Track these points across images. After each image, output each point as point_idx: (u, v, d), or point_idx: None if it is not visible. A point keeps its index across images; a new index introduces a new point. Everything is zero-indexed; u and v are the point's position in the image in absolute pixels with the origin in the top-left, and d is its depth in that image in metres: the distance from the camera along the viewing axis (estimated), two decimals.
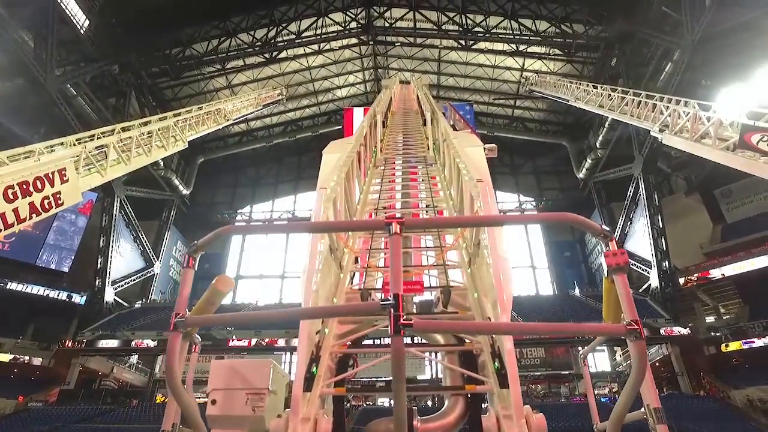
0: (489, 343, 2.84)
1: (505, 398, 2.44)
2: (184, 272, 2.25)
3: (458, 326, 3.24)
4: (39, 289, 34.03)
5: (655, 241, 34.37)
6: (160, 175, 40.64)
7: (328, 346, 3.01)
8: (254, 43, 38.21)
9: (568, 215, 2.20)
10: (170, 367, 2.06)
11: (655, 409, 1.95)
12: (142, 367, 36.55)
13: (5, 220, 9.08)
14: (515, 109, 46.45)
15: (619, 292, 1.97)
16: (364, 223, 4.26)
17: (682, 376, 29.28)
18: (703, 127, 16.52)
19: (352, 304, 3.49)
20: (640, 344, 1.82)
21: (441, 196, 5.81)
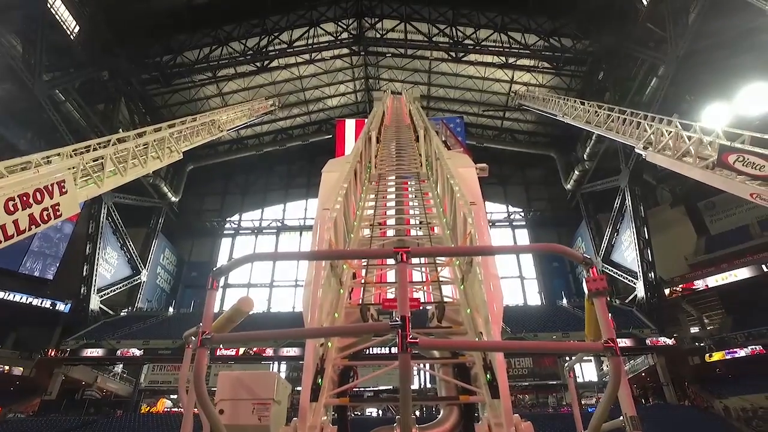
0: (481, 356, 3.02)
1: (496, 408, 2.61)
2: (209, 294, 2.37)
3: (459, 344, 3.46)
4: (21, 296, 33.36)
5: (641, 252, 34.92)
6: (148, 182, 40.26)
7: (331, 358, 3.16)
8: (246, 52, 38.31)
9: (555, 246, 2.43)
10: (199, 381, 2.18)
11: (632, 417, 2.13)
12: (127, 376, 36.00)
13: (5, 231, 9.07)
14: (504, 121, 47.04)
15: (598, 313, 2.15)
16: (375, 252, 4.51)
17: (668, 386, 29.64)
18: (684, 146, 17.13)
19: (364, 324, 3.68)
20: (615, 360, 1.99)
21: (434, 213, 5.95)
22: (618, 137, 23.35)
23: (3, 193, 9.23)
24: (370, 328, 3.21)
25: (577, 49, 37.34)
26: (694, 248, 36.99)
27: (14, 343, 33.37)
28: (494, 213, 49.34)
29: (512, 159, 49.08)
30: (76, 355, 31.72)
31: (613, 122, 23.63)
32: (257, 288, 45.35)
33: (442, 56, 40.64)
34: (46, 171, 10.94)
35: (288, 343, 30.58)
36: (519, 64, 40.00)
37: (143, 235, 42.94)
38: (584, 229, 43.70)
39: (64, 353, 31.64)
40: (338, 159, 5.99)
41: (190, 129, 21.92)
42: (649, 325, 31.75)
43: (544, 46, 37.72)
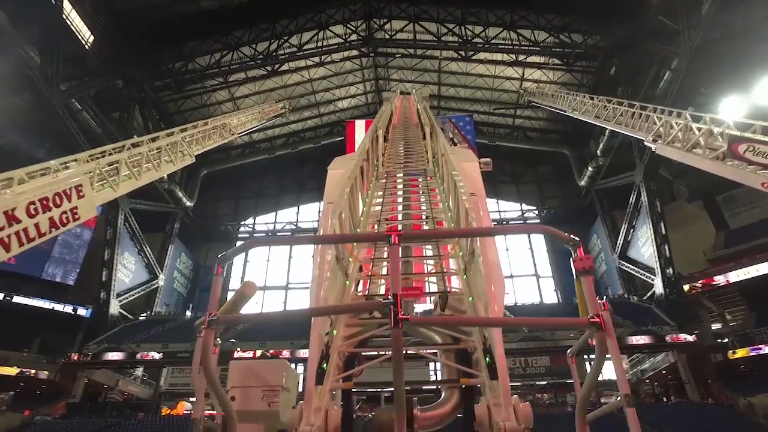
0: (481, 341, 3.11)
1: (495, 389, 2.70)
2: (215, 279, 2.51)
3: (447, 320, 3.70)
4: (44, 302, 34.27)
5: (659, 248, 34.40)
6: (163, 187, 40.91)
7: (336, 346, 3.27)
8: (256, 56, 38.70)
9: (543, 227, 2.65)
10: (206, 359, 2.31)
11: (626, 394, 2.17)
12: (148, 379, 36.54)
13: (27, 234, 9.45)
14: (516, 119, 46.75)
15: (585, 291, 2.30)
16: (368, 236, 4.70)
17: (690, 384, 29.09)
18: (694, 137, 16.89)
19: (358, 303, 3.89)
20: (600, 335, 2.13)
21: (440, 208, 6.03)
22: (627, 131, 23.11)
23: (24, 197, 9.56)
24: (365, 306, 3.41)
25: (587, 45, 36.96)
26: (713, 243, 36.27)
27: (39, 348, 34.15)
28: (507, 211, 49.09)
29: (524, 157, 48.75)
30: (97, 358, 32.34)
31: (623, 116, 23.40)
32: (273, 290, 45.73)
33: (452, 55, 40.52)
34: (64, 176, 11.29)
35: (304, 345, 30.73)
36: (529, 61, 39.73)
37: (160, 240, 43.62)
38: (599, 226, 43.18)
39: (87, 357, 32.29)
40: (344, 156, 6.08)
41: (202, 133, 22.29)
42: (668, 322, 31.24)
43: (554, 43, 37.41)
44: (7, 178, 10.45)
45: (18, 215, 9.24)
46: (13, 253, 9.31)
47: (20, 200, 9.43)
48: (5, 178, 10.44)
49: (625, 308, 33.55)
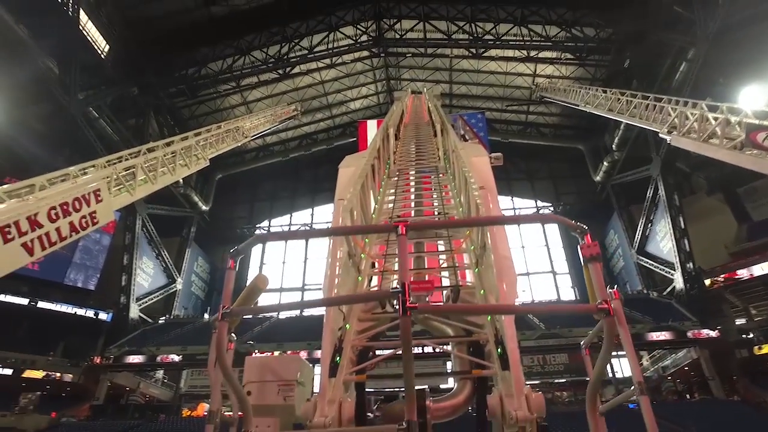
0: (493, 332, 3.14)
1: (507, 380, 2.72)
2: (227, 273, 2.60)
3: (456, 308, 3.76)
4: (67, 307, 35.05)
5: (678, 243, 33.81)
6: (179, 192, 41.53)
7: (350, 340, 3.34)
8: (267, 60, 39.03)
9: (550, 216, 2.56)
10: (220, 349, 2.40)
11: (639, 382, 2.18)
12: (168, 381, 37.08)
13: (49, 238, 9.78)
14: (529, 115, 46.38)
15: (593, 277, 2.32)
16: (377, 227, 4.79)
17: (714, 381, 28.50)
18: (710, 127, 16.51)
19: (368, 292, 3.99)
20: (609, 320, 2.13)
21: (452, 204, 6.03)
22: (641, 123, 22.72)
23: (46, 202, 9.88)
24: (375, 295, 3.42)
25: (600, 38, 36.49)
26: (735, 236, 35.49)
27: (63, 352, 34.92)
28: (522, 208, 48.74)
29: (538, 153, 48.31)
30: (119, 362, 32.95)
31: (636, 108, 23.02)
32: (289, 292, 46.02)
33: (463, 53, 40.34)
34: (82, 181, 11.62)
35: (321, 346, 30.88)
36: (541, 56, 39.37)
37: (177, 244, 44.24)
38: (616, 221, 42.59)
39: (109, 360, 32.93)
40: (355, 155, 6.11)
41: (215, 136, 22.60)
42: (689, 317, 30.69)
43: (566, 37, 37.03)
44: (29, 184, 10.87)
45: (40, 220, 9.57)
46: (36, 257, 9.61)
47: (42, 205, 9.76)
48: (27, 184, 10.87)
49: (645, 304, 33.05)
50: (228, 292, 2.51)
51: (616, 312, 2.21)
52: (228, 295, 2.51)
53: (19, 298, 33.27)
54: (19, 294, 33.35)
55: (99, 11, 32.78)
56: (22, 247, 9.17)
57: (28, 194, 10.42)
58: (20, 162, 31.43)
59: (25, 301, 33.48)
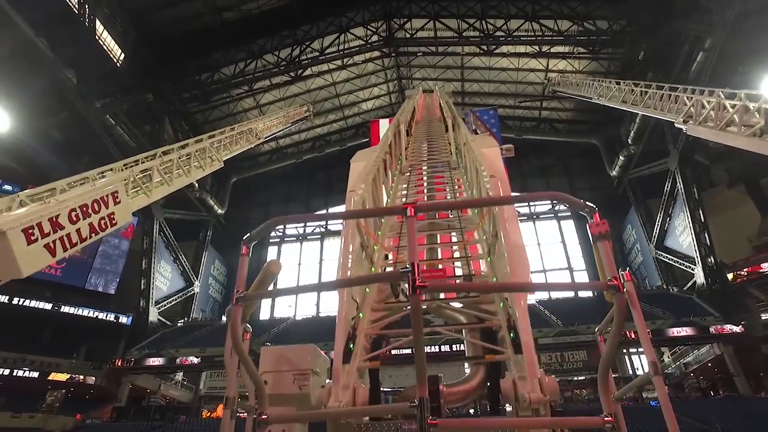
0: (505, 318, 3.16)
1: (520, 363, 2.73)
2: (241, 259, 2.64)
3: (464, 286, 3.84)
4: (89, 311, 35.83)
5: (698, 237, 33.18)
6: (195, 196, 42.09)
7: (363, 329, 3.36)
8: (279, 63, 39.32)
9: (556, 194, 2.62)
10: (235, 333, 2.44)
11: (652, 362, 2.17)
12: (188, 383, 37.58)
13: (70, 239, 10.12)
14: (542, 111, 45.93)
15: (602, 255, 2.31)
16: (387, 209, 4.93)
17: (739, 377, 27.86)
18: (728, 115, 16.14)
19: (378, 273, 4.06)
20: (619, 297, 2.11)
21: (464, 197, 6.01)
22: (656, 114, 22.35)
23: (66, 205, 10.19)
24: (385, 276, 3.52)
25: (613, 31, 35.99)
26: (758, 229, 34.63)
27: (86, 355, 35.67)
28: (538, 206, 48.25)
29: (553, 149, 47.82)
30: (139, 364, 33.50)
31: (650, 99, 22.64)
32: (305, 294, 46.25)
33: (474, 51, 40.14)
34: (101, 184, 11.96)
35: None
36: (553, 51, 38.94)
37: (194, 248, 44.83)
38: (633, 216, 41.98)
39: (129, 363, 33.48)
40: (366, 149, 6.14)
41: (229, 138, 22.92)
42: (712, 313, 30.05)
43: (578, 31, 36.58)
44: (50, 188, 11.30)
45: (61, 222, 9.91)
46: (58, 258, 9.92)
47: (63, 208, 10.07)
48: (49, 188, 11.30)
49: (665, 299, 32.48)
50: (242, 277, 2.55)
51: (628, 293, 2.21)
52: (242, 280, 2.54)
53: (43, 303, 34.13)
54: (43, 299, 34.22)
55: (114, 20, 33.41)
56: (44, 248, 9.47)
57: (49, 197, 10.74)
58: (40, 170, 32.16)
59: (49, 306, 34.32)
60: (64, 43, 30.06)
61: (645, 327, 2.28)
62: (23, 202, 10.38)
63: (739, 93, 15.99)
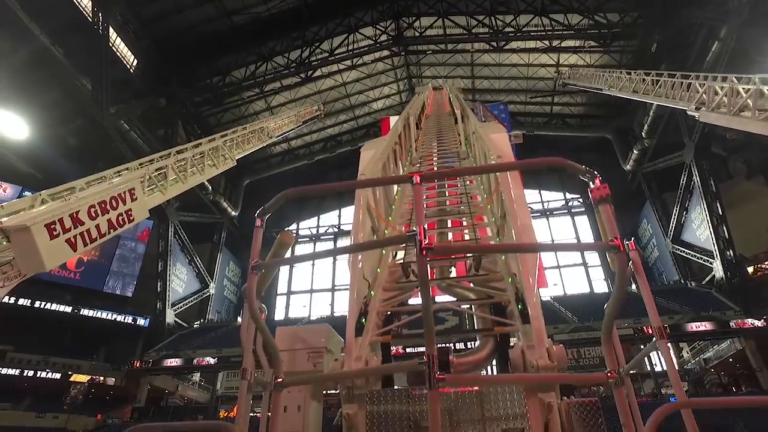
0: (513, 291, 3.23)
1: (528, 334, 2.79)
2: (255, 231, 2.85)
3: (472, 248, 4.06)
4: (107, 313, 36.46)
5: (716, 230, 32.58)
6: (209, 199, 42.57)
7: (375, 307, 3.43)
8: (289, 65, 39.60)
9: (555, 160, 2.65)
10: (250, 300, 2.54)
11: (657, 327, 2.24)
12: (205, 384, 38.00)
13: (90, 235, 10.48)
14: (554, 106, 45.58)
15: (603, 218, 2.40)
16: (394, 179, 5.06)
17: (762, 372, 27.30)
18: (741, 100, 15.83)
19: (386, 238, 4.21)
20: (620, 257, 2.19)
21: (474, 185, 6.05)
22: (668, 102, 22.05)
23: (86, 201, 10.55)
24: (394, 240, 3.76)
25: (625, 23, 35.56)
26: None
27: (105, 356, 36.31)
28: (551, 201, 47.94)
29: (565, 144, 47.25)
30: (157, 365, 33.94)
31: (662, 88, 22.32)
32: (319, 293, 46.51)
33: (484, 47, 39.99)
34: (118, 181, 12.38)
35: None
36: (564, 46, 38.60)
37: (208, 250, 45.32)
38: (649, 210, 41.40)
39: (148, 364, 33.96)
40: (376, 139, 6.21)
41: (241, 137, 23.22)
42: (732, 307, 29.47)
43: (588, 24, 36.21)
44: (70, 187, 11.78)
45: (81, 218, 10.27)
46: (78, 252, 10.26)
47: (82, 204, 10.45)
48: (68, 187, 11.77)
49: (683, 294, 32.00)
50: (256, 247, 2.71)
51: (633, 262, 2.30)
52: (256, 251, 2.70)
53: (63, 306, 34.83)
54: (63, 302, 34.93)
55: (127, 27, 33.99)
56: (66, 242, 9.80)
57: (69, 195, 11.14)
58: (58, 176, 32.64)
59: (69, 309, 34.99)
60: (78, 51, 30.67)
61: (650, 293, 2.34)
62: (44, 200, 10.77)
63: (753, 77, 15.69)
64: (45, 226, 9.21)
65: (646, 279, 2.44)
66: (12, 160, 33.20)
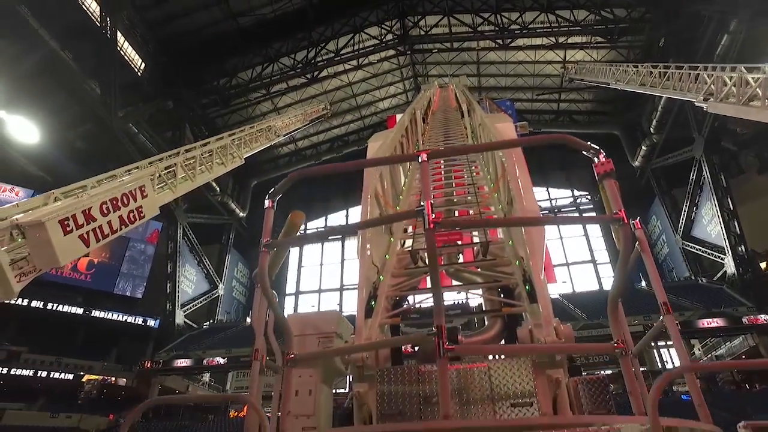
0: (521, 272, 3.28)
1: (536, 313, 2.83)
2: (266, 211, 2.94)
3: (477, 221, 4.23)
4: (118, 315, 36.84)
5: (727, 225, 32.23)
6: (217, 200, 42.85)
7: (384, 291, 3.48)
8: (295, 66, 39.75)
9: (559, 135, 2.69)
10: (262, 278, 2.62)
11: (663, 303, 2.28)
12: (215, 384, 38.22)
13: (102, 231, 10.74)
14: (560, 103, 45.39)
15: (608, 192, 2.46)
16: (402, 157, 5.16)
17: None
18: (750, 90, 15.63)
19: (396, 213, 4.26)
20: (625, 229, 2.25)
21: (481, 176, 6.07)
22: (676, 94, 21.87)
23: (98, 198, 10.81)
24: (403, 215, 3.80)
25: (632, 18, 35.33)
26: None
27: (117, 358, 36.64)
28: (559, 199, 47.69)
29: None
30: (168, 365, 34.21)
31: (669, 80, 22.14)
32: (328, 293, 46.62)
33: (489, 45, 39.89)
34: (129, 179, 12.65)
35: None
36: (570, 42, 38.38)
37: (217, 251, 45.62)
38: (658, 207, 41.05)
39: (158, 364, 34.23)
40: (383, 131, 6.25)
41: (249, 135, 23.41)
42: (744, 303, 29.11)
43: (595, 20, 36.02)
44: (82, 185, 12.09)
45: (93, 214, 10.54)
46: (91, 248, 10.53)
47: (95, 201, 10.71)
48: (80, 185, 12.09)
49: (694, 291, 31.67)
50: (268, 227, 2.76)
51: (639, 240, 2.37)
52: (268, 230, 2.75)
53: (74, 308, 35.25)
54: (75, 304, 35.37)
55: (134, 31, 34.31)
56: (79, 238, 10.04)
57: (81, 193, 11.41)
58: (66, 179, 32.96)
59: (80, 311, 35.42)
60: (86, 56, 30.99)
61: (655, 269, 2.39)
62: (57, 198, 11.04)
63: (762, 67, 15.51)
64: (59, 222, 9.43)
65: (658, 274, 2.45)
66: (23, 164, 33.62)
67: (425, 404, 2.45)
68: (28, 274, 8.98)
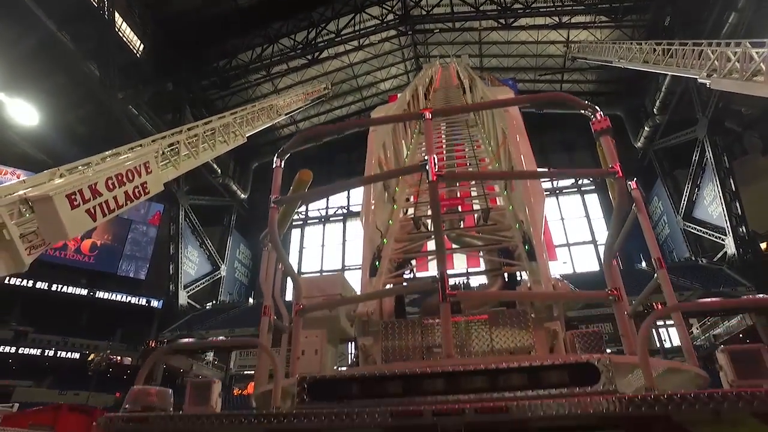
0: (521, 235, 3.38)
1: (535, 272, 2.92)
2: (275, 170, 3.04)
3: (478, 174, 4.42)
4: (122, 296, 37.26)
5: (728, 206, 32.21)
6: (218, 182, 42.88)
7: (388, 254, 3.59)
8: (296, 47, 39.35)
9: (556, 94, 2.74)
10: (272, 232, 2.76)
11: (657, 258, 2.43)
12: (218, 363, 38.79)
13: (108, 206, 11.00)
14: (563, 84, 44.91)
15: (604, 148, 2.54)
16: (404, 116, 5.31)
17: None
18: (753, 65, 15.49)
19: (402, 167, 4.46)
20: (620, 182, 2.35)
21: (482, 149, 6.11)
22: (679, 71, 21.71)
23: (103, 174, 11.04)
24: (407, 169, 3.93)
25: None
26: None
27: (121, 337, 37.17)
28: (561, 180, 47.59)
29: (575, 123, 46.52)
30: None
31: (673, 57, 21.95)
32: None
33: (492, 25, 39.39)
34: (133, 155, 12.95)
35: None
36: (574, 22, 37.86)
37: (219, 232, 45.87)
38: (660, 188, 41.00)
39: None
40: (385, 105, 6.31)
41: (250, 114, 23.46)
42: (743, 283, 29.29)
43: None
44: (87, 162, 12.32)
45: (99, 189, 10.76)
46: (98, 222, 10.78)
47: (100, 176, 10.96)
48: (85, 162, 12.32)
49: (693, 271, 31.83)
50: (276, 184, 2.89)
51: (636, 201, 2.46)
52: (277, 187, 2.88)
53: (79, 289, 35.67)
54: (79, 285, 35.79)
55: (132, 12, 33.93)
56: (86, 213, 10.27)
57: (86, 170, 11.64)
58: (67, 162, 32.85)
59: (85, 292, 35.85)
60: (85, 37, 30.70)
61: (650, 226, 2.49)
62: (62, 175, 11.32)
63: (766, 41, 15.34)
64: (66, 197, 9.62)
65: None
66: (24, 147, 33.60)
67: (428, 354, 2.56)
68: (37, 247, 9.21)
